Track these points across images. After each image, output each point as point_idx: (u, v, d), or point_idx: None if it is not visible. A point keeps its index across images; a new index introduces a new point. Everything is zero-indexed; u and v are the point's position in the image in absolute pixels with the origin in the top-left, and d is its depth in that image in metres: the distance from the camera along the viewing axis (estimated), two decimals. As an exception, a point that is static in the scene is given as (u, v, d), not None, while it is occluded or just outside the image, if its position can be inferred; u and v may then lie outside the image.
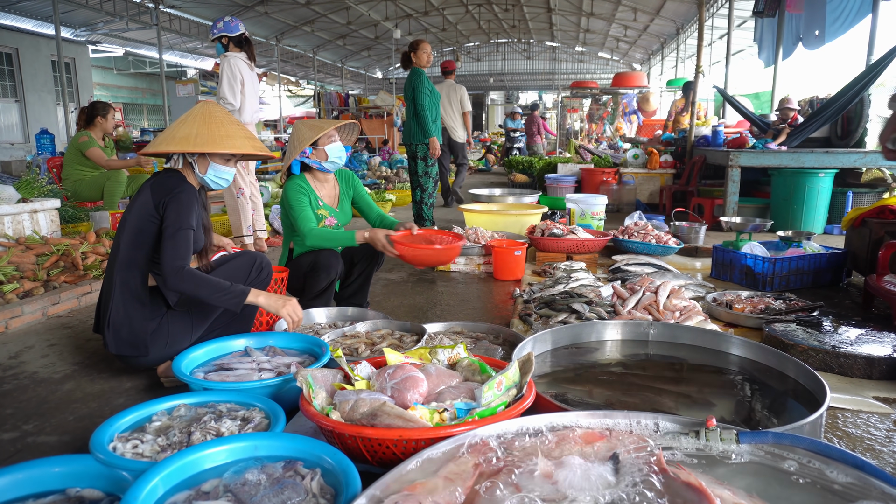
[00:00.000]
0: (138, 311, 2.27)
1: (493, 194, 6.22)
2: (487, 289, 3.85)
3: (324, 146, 3.03)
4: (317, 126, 3.03)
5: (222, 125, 2.35)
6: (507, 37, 26.15)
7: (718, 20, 14.52)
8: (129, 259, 2.29)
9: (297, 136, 3.05)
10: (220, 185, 2.43)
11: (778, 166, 5.81)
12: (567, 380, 2.18)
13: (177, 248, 2.19)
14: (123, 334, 2.26)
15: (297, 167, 3.09)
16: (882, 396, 2.23)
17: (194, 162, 2.35)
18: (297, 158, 3.05)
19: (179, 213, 2.22)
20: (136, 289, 2.28)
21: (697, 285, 3.61)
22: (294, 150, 3.04)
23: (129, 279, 2.28)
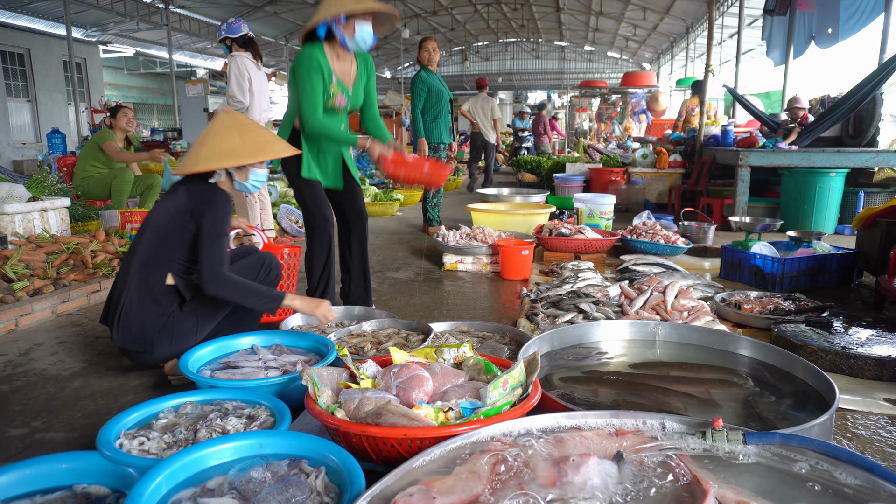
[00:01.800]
0: (151, 309, 2.29)
1: (501, 194, 6.22)
2: (495, 288, 3.84)
3: (356, 22, 2.80)
4: (362, 1, 2.79)
5: (258, 133, 2.40)
6: (516, 36, 26.10)
7: (729, 18, 14.46)
8: (151, 257, 2.30)
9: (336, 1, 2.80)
10: (257, 188, 2.49)
11: (788, 166, 5.76)
12: (574, 379, 2.18)
13: (214, 254, 2.25)
14: (133, 330, 2.27)
15: (322, 31, 2.82)
16: (893, 398, 2.20)
17: (234, 172, 2.37)
18: (326, 21, 2.80)
19: (216, 221, 2.27)
20: (153, 287, 2.29)
21: (706, 285, 3.59)
22: (328, 12, 2.76)
23: (147, 277, 2.29)
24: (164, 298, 2.31)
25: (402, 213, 7.44)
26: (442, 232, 4.54)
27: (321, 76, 2.81)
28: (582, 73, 27.40)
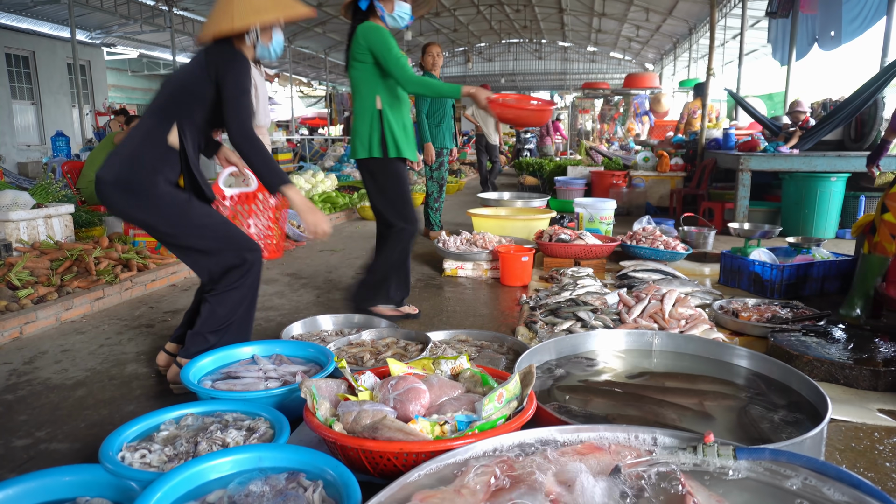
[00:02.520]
0: (149, 153, 2.24)
1: (501, 198, 6.24)
2: (494, 294, 3.87)
3: (397, 1, 2.93)
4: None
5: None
6: (519, 37, 26.09)
7: (731, 20, 14.41)
8: (164, 107, 2.29)
9: None
10: (278, 54, 2.48)
11: (789, 170, 5.77)
12: (570, 390, 2.20)
13: (242, 111, 2.24)
14: (123, 168, 2.22)
15: (364, 4, 2.92)
16: (887, 409, 2.22)
17: (260, 34, 2.35)
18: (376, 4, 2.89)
19: (239, 79, 2.25)
20: (158, 134, 2.25)
21: (704, 292, 3.60)
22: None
23: (155, 124, 2.27)
24: (167, 154, 2.26)
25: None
26: (442, 238, 4.56)
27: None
28: (585, 74, 27.37)
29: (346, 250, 5.40)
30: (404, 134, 3.07)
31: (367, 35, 2.89)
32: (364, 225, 6.94)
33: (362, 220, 7.33)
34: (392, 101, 3.03)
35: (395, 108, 3.04)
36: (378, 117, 2.99)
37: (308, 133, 21.89)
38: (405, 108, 3.12)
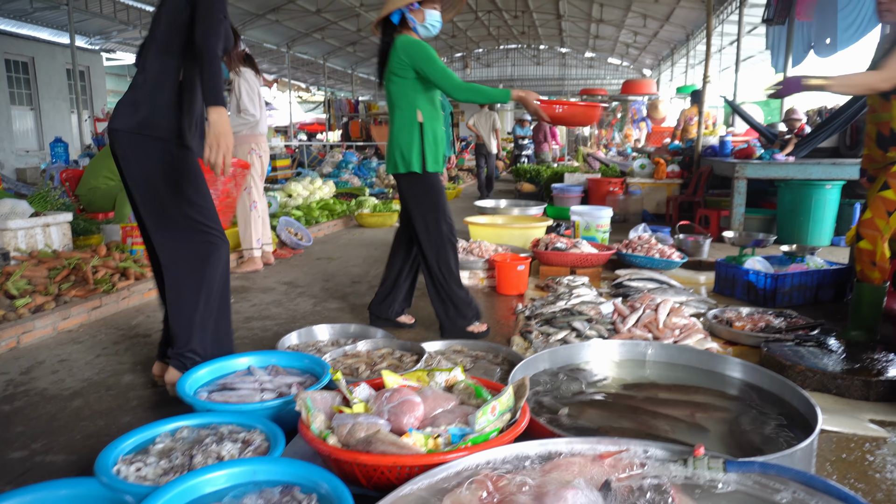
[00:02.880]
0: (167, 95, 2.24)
1: (498, 206, 6.27)
2: (490, 303, 3.88)
3: (426, 9, 2.94)
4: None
5: None
6: (517, 43, 26.18)
7: (728, 26, 14.49)
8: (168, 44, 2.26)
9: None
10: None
11: (784, 178, 5.80)
12: (564, 401, 2.21)
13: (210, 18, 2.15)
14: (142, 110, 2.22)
15: (397, 18, 2.93)
16: (878, 419, 2.24)
17: None
18: (402, 8, 2.90)
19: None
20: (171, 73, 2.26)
21: (699, 301, 3.62)
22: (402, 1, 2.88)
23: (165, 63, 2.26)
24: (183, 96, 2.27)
25: (402, 224, 7.49)
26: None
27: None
28: (583, 80, 27.45)
29: (343, 258, 5.42)
30: (439, 147, 3.11)
31: (407, 50, 2.89)
32: (361, 232, 6.96)
33: (359, 227, 7.35)
34: (432, 113, 3.06)
35: (435, 121, 3.07)
36: (419, 131, 3.01)
37: (307, 139, 21.95)
38: (441, 121, 3.15)
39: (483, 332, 3.17)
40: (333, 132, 23.23)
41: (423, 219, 3.08)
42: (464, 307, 3.17)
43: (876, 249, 2.81)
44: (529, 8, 19.17)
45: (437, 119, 3.09)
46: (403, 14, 2.92)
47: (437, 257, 3.10)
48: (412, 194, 3.08)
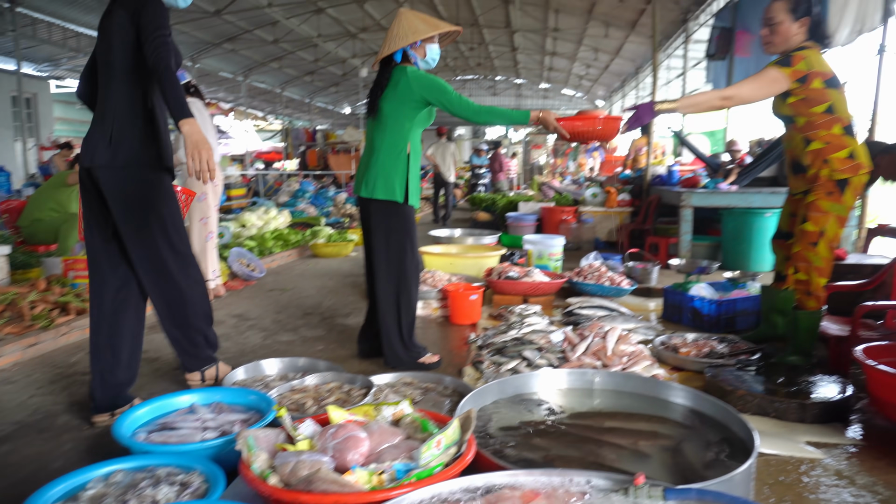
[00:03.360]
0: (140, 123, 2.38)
1: (453, 235, 6.31)
2: (444, 333, 3.88)
3: (427, 44, 3.03)
4: (430, 22, 3.00)
5: None
6: (474, 73, 26.69)
7: (675, 60, 15.09)
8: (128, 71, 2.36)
9: (407, 24, 2.97)
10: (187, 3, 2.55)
11: (727, 206, 6.02)
12: (512, 432, 2.21)
13: (158, 38, 2.24)
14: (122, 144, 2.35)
15: (399, 55, 3.00)
16: (814, 441, 2.31)
17: None
18: (404, 48, 2.97)
19: (159, 16, 2.29)
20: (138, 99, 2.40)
21: (647, 328, 3.70)
22: (404, 39, 2.94)
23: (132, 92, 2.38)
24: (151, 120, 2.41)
25: (357, 254, 7.45)
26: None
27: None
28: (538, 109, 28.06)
29: (297, 289, 5.35)
30: (419, 184, 3.14)
31: (421, 82, 2.94)
32: (316, 263, 6.90)
33: (314, 257, 7.28)
34: (416, 149, 3.11)
35: (417, 157, 3.12)
36: (407, 162, 3.04)
37: (263, 167, 21.74)
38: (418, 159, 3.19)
39: (435, 363, 3.16)
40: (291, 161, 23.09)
41: (391, 250, 3.08)
42: (416, 339, 3.17)
43: (810, 280, 2.93)
44: (485, 40, 19.62)
45: (418, 157, 3.13)
46: (405, 50, 3.00)
47: (399, 290, 3.11)
48: (386, 223, 3.07)
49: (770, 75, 2.82)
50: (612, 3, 12.62)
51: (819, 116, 2.85)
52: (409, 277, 3.12)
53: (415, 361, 3.12)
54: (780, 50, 2.94)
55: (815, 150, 2.87)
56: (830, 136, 2.85)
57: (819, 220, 2.87)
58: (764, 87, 2.84)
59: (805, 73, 2.80)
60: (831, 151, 2.84)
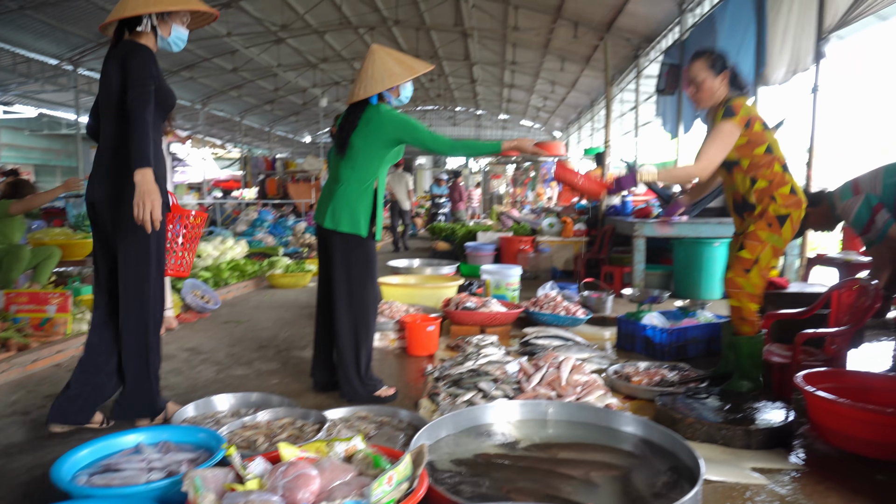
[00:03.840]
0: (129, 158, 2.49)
1: (411, 266, 6.32)
2: (401, 365, 3.87)
3: (402, 85, 3.10)
4: (405, 64, 3.05)
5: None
6: (433, 104, 27.06)
7: (628, 94, 15.64)
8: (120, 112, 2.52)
9: (382, 67, 3.01)
10: (179, 47, 2.75)
11: (678, 236, 6.21)
12: (466, 465, 2.22)
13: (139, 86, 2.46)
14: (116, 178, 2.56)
15: (375, 99, 3.04)
16: (759, 467, 2.38)
17: (158, 27, 2.63)
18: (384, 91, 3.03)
19: (141, 62, 2.50)
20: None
21: (601, 357, 3.76)
22: (381, 84, 2.99)
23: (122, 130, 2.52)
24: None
25: (315, 284, 7.37)
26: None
27: None
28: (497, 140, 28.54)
29: (252, 321, 5.26)
30: (378, 215, 3.17)
31: (394, 122, 2.99)
32: (273, 294, 6.80)
33: (271, 288, 7.19)
34: (383, 183, 3.15)
35: (383, 192, 3.16)
36: (374, 197, 3.08)
37: (221, 196, 21.42)
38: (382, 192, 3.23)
39: (391, 397, 3.15)
40: (249, 189, 22.82)
41: (352, 283, 3.08)
42: (372, 372, 3.17)
43: (741, 306, 3.05)
44: (445, 72, 19.97)
45: (383, 192, 3.17)
46: (381, 94, 3.06)
47: (358, 324, 3.11)
48: (349, 256, 3.07)
49: (726, 129, 2.96)
50: (567, 38, 13.04)
51: (761, 157, 3.01)
52: (368, 311, 3.13)
53: (371, 395, 3.10)
54: (708, 105, 3.12)
55: (762, 189, 3.02)
56: (773, 174, 3.01)
57: (755, 248, 3.00)
58: (727, 141, 2.97)
59: (748, 118, 2.98)
60: (776, 188, 3.00)
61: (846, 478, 2.29)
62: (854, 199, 3.42)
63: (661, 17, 10.56)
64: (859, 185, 3.44)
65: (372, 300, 3.14)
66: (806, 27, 6.04)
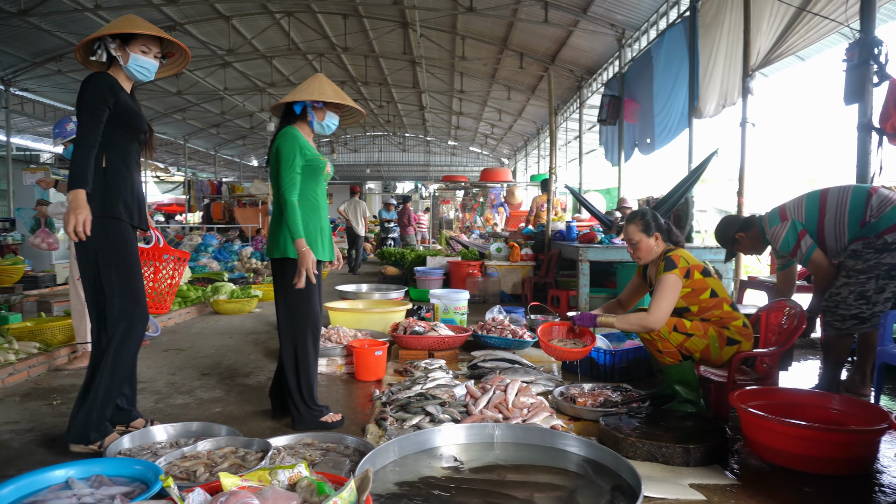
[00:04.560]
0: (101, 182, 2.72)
1: (360, 291, 6.29)
2: (348, 391, 3.82)
3: (328, 110, 3.16)
4: (339, 94, 3.16)
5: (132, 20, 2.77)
6: (383, 130, 27.21)
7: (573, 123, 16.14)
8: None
9: (317, 85, 3.12)
10: (144, 76, 2.84)
11: (620, 260, 6.40)
12: (411, 490, 2.21)
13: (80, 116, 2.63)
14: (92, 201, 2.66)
15: (299, 108, 3.10)
16: (697, 483, 2.45)
17: (117, 55, 2.75)
18: (305, 101, 3.08)
19: (83, 92, 2.65)
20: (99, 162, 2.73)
21: (547, 380, 3.82)
22: (308, 94, 3.07)
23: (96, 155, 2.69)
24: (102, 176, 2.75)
25: (261, 310, 7.24)
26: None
27: (302, 153, 3.04)
28: (446, 166, 28.91)
29: (194, 349, 5.10)
30: (320, 236, 3.14)
31: (280, 139, 3.04)
32: (217, 320, 6.63)
33: (215, 314, 7.00)
34: (308, 203, 3.11)
35: (313, 210, 3.12)
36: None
37: (164, 220, 20.82)
38: (322, 212, 3.20)
39: (337, 422, 3.11)
40: (194, 213, 22.27)
41: (288, 307, 3.09)
42: (316, 398, 3.13)
43: (654, 339, 3.19)
44: (394, 98, 20.16)
45: (315, 209, 3.13)
46: (306, 107, 3.11)
47: (297, 349, 3.09)
48: (281, 281, 3.09)
49: (669, 282, 3.18)
50: (514, 68, 13.41)
51: (708, 301, 3.24)
52: (306, 336, 3.10)
53: (317, 420, 3.06)
54: (649, 260, 3.41)
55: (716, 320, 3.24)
56: (724, 312, 3.24)
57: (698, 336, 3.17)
58: (673, 293, 3.18)
59: (686, 268, 3.22)
60: (728, 322, 3.22)
61: (776, 490, 2.39)
62: (781, 226, 3.61)
63: (602, 50, 11.00)
64: (786, 211, 3.64)
65: (310, 324, 3.12)
66: (733, 65, 6.42)
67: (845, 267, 3.43)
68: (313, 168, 3.09)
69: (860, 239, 3.38)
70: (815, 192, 3.61)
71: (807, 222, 3.55)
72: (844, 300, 3.41)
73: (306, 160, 3.05)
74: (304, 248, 2.93)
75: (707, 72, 7.02)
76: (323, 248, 3.17)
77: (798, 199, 3.66)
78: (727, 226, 3.95)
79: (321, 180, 3.17)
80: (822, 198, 3.54)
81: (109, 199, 2.72)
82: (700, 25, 7.17)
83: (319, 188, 3.18)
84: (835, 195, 3.50)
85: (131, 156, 2.83)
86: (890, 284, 3.33)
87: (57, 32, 11.37)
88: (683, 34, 7.52)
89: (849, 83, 4.31)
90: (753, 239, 3.85)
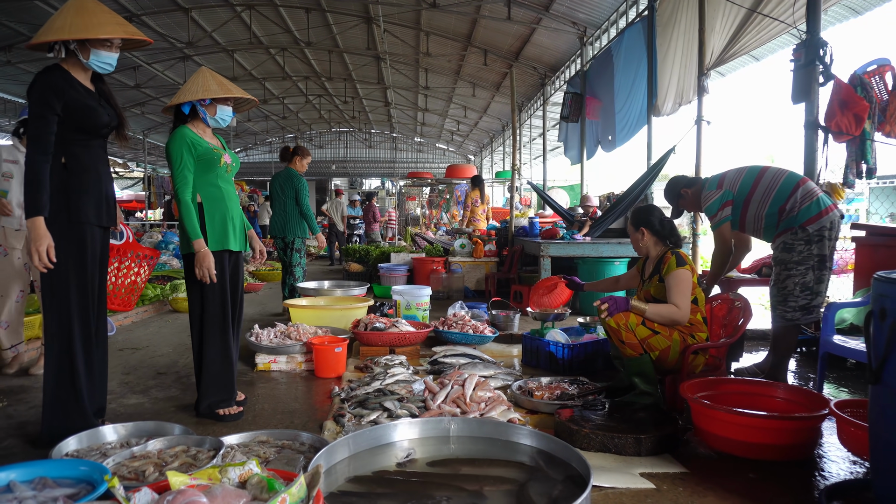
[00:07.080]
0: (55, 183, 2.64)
1: (321, 287, 6.24)
2: (308, 388, 3.80)
3: (219, 104, 3.15)
4: (225, 86, 3.14)
5: (94, 14, 2.63)
6: (349, 126, 27.00)
7: (536, 120, 16.27)
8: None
9: (202, 82, 3.10)
10: (105, 70, 2.74)
11: (581, 255, 6.50)
12: (363, 484, 2.21)
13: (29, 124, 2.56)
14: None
15: (187, 108, 3.10)
16: (647, 472, 2.51)
17: (77, 51, 2.63)
18: (193, 101, 3.07)
19: (32, 100, 2.55)
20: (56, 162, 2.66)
21: (506, 374, 3.85)
22: (193, 94, 3.07)
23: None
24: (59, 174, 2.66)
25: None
26: (255, 330, 4.43)
27: (191, 151, 3.04)
28: (412, 163, 28.83)
29: (150, 347, 5.00)
30: (230, 226, 3.17)
31: (168, 141, 3.08)
32: (175, 318, 6.50)
33: (174, 312, 6.87)
34: (211, 195, 3.13)
35: (216, 201, 3.14)
36: (198, 212, 3.09)
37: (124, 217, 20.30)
38: (228, 202, 3.19)
39: (236, 415, 3.19)
40: (154, 210, 21.78)
41: (192, 301, 3.17)
42: (220, 388, 3.19)
43: (619, 329, 3.25)
44: (359, 94, 20.02)
45: (221, 199, 3.16)
46: (194, 105, 3.11)
47: (202, 338, 3.17)
48: (189, 275, 3.14)
49: (685, 277, 3.28)
50: (478, 65, 13.44)
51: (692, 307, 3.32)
52: (211, 325, 3.16)
53: (212, 412, 3.17)
54: (643, 254, 3.62)
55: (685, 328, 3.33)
56: (695, 320, 3.34)
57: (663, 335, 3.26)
58: (689, 287, 3.29)
59: (692, 268, 3.35)
60: (696, 331, 3.32)
61: (723, 477, 2.47)
62: (714, 192, 3.83)
63: (565, 48, 11.12)
64: (724, 181, 3.84)
65: (212, 315, 3.14)
66: (689, 64, 6.56)
67: (782, 261, 3.59)
68: (207, 161, 3.11)
69: (785, 231, 3.56)
70: (756, 168, 3.82)
71: (738, 193, 3.76)
72: (791, 292, 3.54)
73: (198, 155, 3.08)
74: (201, 249, 2.99)
75: (665, 70, 7.15)
76: (235, 239, 3.21)
77: (739, 171, 3.86)
78: (676, 181, 4.18)
79: (221, 172, 3.18)
80: (759, 174, 3.77)
81: (73, 202, 2.66)
82: (658, 24, 7.30)
83: (221, 180, 3.19)
84: (770, 176, 3.73)
85: (93, 151, 2.76)
86: (825, 274, 3.50)
87: (5, 21, 10.97)
88: (642, 33, 7.65)
89: (796, 83, 4.45)
90: (695, 196, 4.04)
